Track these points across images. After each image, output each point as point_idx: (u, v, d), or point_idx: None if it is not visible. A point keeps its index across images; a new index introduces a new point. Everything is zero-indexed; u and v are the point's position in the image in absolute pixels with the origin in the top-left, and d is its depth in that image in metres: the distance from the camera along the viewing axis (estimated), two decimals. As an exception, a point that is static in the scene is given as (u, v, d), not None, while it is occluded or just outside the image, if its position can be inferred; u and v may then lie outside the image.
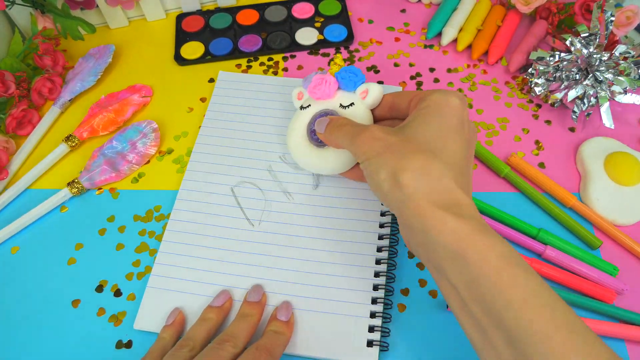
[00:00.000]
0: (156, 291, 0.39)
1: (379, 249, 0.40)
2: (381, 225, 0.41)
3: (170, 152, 0.48)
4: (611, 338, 0.37)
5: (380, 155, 0.31)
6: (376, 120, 0.40)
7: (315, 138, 0.40)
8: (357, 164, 0.39)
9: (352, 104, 0.39)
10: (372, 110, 0.40)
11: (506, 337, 0.25)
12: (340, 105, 0.39)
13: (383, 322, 0.37)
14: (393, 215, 0.41)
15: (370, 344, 0.36)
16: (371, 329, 0.36)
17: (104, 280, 0.40)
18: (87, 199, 0.45)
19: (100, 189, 0.46)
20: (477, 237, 0.27)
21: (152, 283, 0.39)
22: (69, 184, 0.44)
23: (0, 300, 0.40)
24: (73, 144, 0.48)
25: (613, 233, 0.41)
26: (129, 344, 0.37)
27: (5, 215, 0.44)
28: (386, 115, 0.39)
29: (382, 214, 0.41)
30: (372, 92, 0.39)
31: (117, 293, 0.40)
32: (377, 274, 0.38)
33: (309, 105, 0.41)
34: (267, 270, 0.39)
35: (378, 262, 0.39)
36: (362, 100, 0.39)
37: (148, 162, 0.47)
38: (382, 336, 0.36)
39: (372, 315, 0.37)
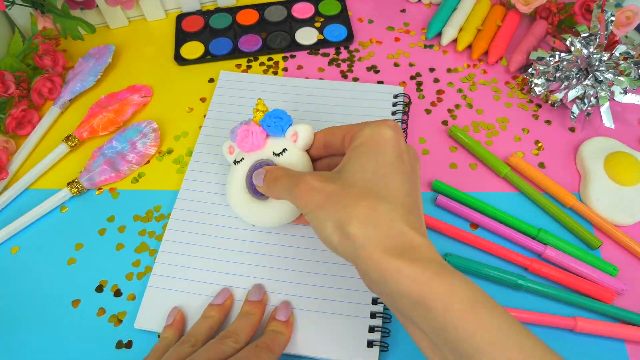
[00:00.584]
0: (157, 290, 0.39)
1: None
2: None
3: (170, 152, 0.48)
4: (611, 338, 0.37)
5: (322, 207, 0.29)
6: (313, 160, 0.38)
7: (255, 191, 0.38)
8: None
9: (284, 150, 0.37)
10: (308, 151, 0.37)
11: None
12: (273, 153, 0.37)
13: (383, 323, 0.37)
14: None
15: (370, 344, 0.36)
16: (371, 330, 0.36)
17: (104, 280, 0.40)
18: (87, 199, 0.45)
19: (100, 189, 0.46)
20: (436, 281, 0.25)
21: (153, 282, 0.39)
22: (68, 184, 0.44)
23: (0, 300, 0.40)
24: (73, 144, 0.48)
25: (613, 233, 0.41)
26: (129, 344, 0.37)
27: (5, 215, 0.44)
28: (322, 154, 0.37)
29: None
30: (301, 134, 0.36)
31: (117, 293, 0.40)
32: None
33: (242, 158, 0.39)
34: (268, 270, 0.39)
35: None
36: (294, 144, 0.37)
37: (148, 162, 0.47)
38: (382, 337, 0.36)
39: (373, 315, 0.37)
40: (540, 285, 0.38)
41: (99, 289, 0.40)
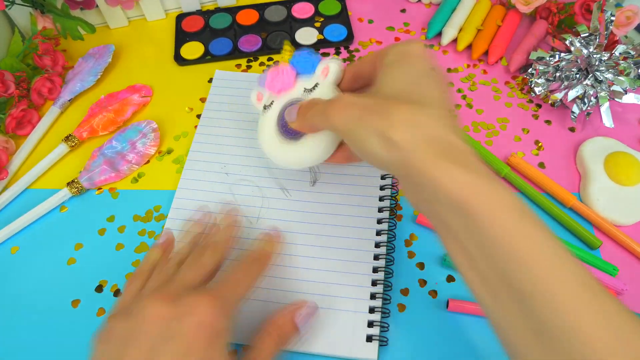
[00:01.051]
0: None
1: (377, 245, 0.40)
2: (379, 221, 0.41)
3: (170, 152, 0.48)
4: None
5: (362, 119, 0.28)
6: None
7: (288, 132, 0.37)
8: (339, 146, 0.36)
9: (316, 85, 0.37)
10: (338, 86, 0.37)
11: (517, 297, 0.24)
12: (305, 89, 0.37)
13: (382, 317, 0.37)
14: (390, 210, 0.42)
15: (369, 338, 0.36)
16: (370, 324, 0.36)
17: (104, 280, 0.40)
18: (87, 198, 0.45)
19: (100, 188, 0.46)
20: (485, 187, 0.25)
21: None
22: (68, 183, 0.44)
23: (0, 300, 0.40)
24: (73, 144, 0.47)
25: (613, 233, 0.41)
26: (128, 344, 0.37)
27: (5, 215, 0.44)
28: (354, 86, 0.37)
29: (380, 210, 0.42)
30: (332, 68, 0.36)
31: (117, 293, 0.40)
32: (375, 270, 0.39)
33: (272, 102, 0.38)
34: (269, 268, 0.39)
35: (376, 257, 0.39)
36: (324, 79, 0.37)
37: (148, 162, 0.47)
38: (381, 331, 0.36)
39: (371, 310, 0.37)
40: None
41: (99, 289, 0.40)
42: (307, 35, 0.56)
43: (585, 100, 0.46)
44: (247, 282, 0.33)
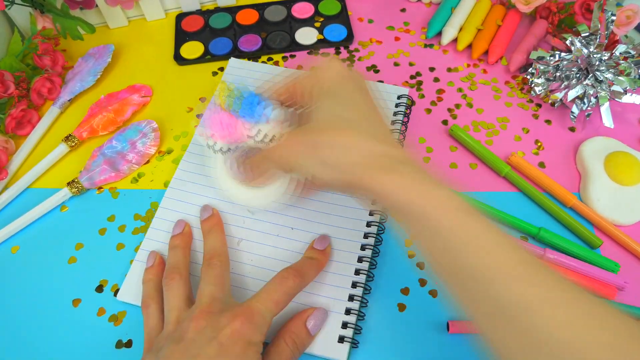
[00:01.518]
0: (142, 265, 0.40)
1: (363, 247, 0.40)
2: (368, 224, 0.41)
3: (170, 152, 0.48)
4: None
5: (304, 153, 0.31)
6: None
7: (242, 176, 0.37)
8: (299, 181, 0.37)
9: (258, 131, 0.35)
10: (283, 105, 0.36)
11: (472, 282, 0.26)
12: (254, 140, 0.35)
13: (357, 320, 0.37)
14: (381, 215, 0.42)
15: (341, 339, 0.36)
16: (344, 326, 0.36)
17: (104, 279, 0.40)
18: (87, 198, 0.45)
19: (100, 188, 0.46)
20: (426, 189, 0.27)
21: (140, 257, 0.40)
22: (68, 183, 0.44)
23: (0, 300, 0.40)
24: (73, 144, 0.47)
25: (613, 233, 0.41)
26: (129, 344, 0.37)
27: (6, 215, 0.44)
28: (286, 103, 0.37)
29: (371, 213, 0.42)
30: (273, 116, 0.35)
31: (117, 293, 0.40)
32: (357, 272, 0.39)
33: (221, 148, 0.37)
34: (247, 254, 0.40)
35: (360, 260, 0.39)
36: (269, 127, 0.35)
37: (148, 161, 0.47)
38: (354, 333, 0.36)
39: (347, 312, 0.37)
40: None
41: (99, 288, 0.40)
42: (307, 35, 0.56)
43: (585, 100, 0.46)
44: (281, 297, 0.33)
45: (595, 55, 0.46)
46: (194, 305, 0.33)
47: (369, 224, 0.41)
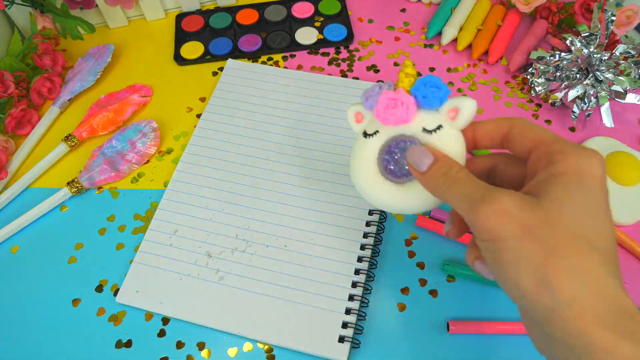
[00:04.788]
0: (142, 267, 0.40)
1: (362, 247, 0.40)
2: (367, 224, 0.41)
3: (169, 151, 0.48)
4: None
5: (519, 242, 0.23)
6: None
7: (393, 172, 0.31)
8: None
9: (439, 127, 0.29)
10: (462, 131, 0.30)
11: None
12: (424, 129, 0.29)
13: (358, 320, 0.37)
14: (380, 214, 0.42)
15: (342, 339, 0.36)
16: (345, 325, 0.36)
17: (104, 279, 0.40)
18: (87, 198, 0.45)
19: (100, 188, 0.46)
20: None
21: (139, 259, 0.40)
22: (68, 183, 0.44)
23: (0, 300, 0.40)
24: (72, 144, 0.47)
25: (613, 233, 0.41)
26: (128, 344, 0.37)
27: (5, 215, 0.44)
28: (482, 143, 0.30)
29: (370, 213, 0.42)
30: (464, 111, 0.29)
31: (117, 293, 0.40)
32: (357, 272, 0.39)
33: (376, 131, 0.31)
34: (248, 256, 0.40)
35: (360, 259, 0.39)
36: (450, 122, 0.29)
37: (148, 161, 0.47)
38: (355, 333, 0.36)
39: (348, 311, 0.37)
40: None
41: (99, 288, 0.40)
42: (307, 35, 0.56)
43: (586, 100, 0.46)
44: None
45: (595, 55, 0.46)
46: None
47: (368, 224, 0.41)
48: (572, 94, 0.47)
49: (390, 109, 0.30)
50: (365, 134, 0.32)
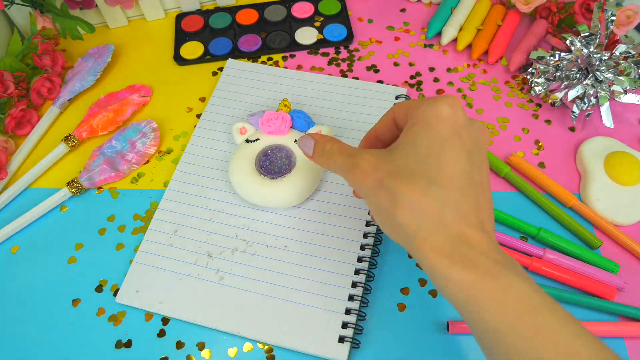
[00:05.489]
0: (142, 267, 0.40)
1: (362, 247, 0.40)
2: (367, 224, 0.41)
3: (169, 152, 0.48)
4: (611, 337, 0.37)
5: (374, 193, 0.27)
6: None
7: (267, 171, 0.41)
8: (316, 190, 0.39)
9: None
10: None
11: None
12: (295, 140, 0.41)
13: (358, 320, 0.37)
14: None
15: (342, 339, 0.36)
16: (344, 326, 0.36)
17: (104, 280, 0.40)
18: (87, 198, 0.45)
19: (100, 188, 0.46)
20: (488, 283, 0.24)
21: (139, 259, 0.40)
22: (68, 183, 0.44)
23: (0, 300, 0.40)
24: (72, 144, 0.47)
25: (613, 233, 0.41)
26: (128, 344, 0.37)
27: (5, 215, 0.44)
28: (373, 147, 0.34)
29: (369, 213, 0.42)
30: (325, 130, 0.41)
31: (117, 293, 0.40)
32: (357, 272, 0.39)
33: (257, 139, 0.43)
34: (248, 256, 0.40)
35: (360, 259, 0.39)
36: None
37: (147, 161, 0.47)
38: (355, 333, 0.36)
39: (347, 312, 0.37)
40: (541, 285, 0.38)
41: (99, 288, 0.40)
42: (306, 35, 0.56)
43: (585, 100, 0.46)
44: None
45: (595, 55, 0.46)
46: None
47: (368, 224, 0.41)
48: (572, 93, 0.47)
49: (272, 120, 0.42)
50: (248, 140, 0.43)
